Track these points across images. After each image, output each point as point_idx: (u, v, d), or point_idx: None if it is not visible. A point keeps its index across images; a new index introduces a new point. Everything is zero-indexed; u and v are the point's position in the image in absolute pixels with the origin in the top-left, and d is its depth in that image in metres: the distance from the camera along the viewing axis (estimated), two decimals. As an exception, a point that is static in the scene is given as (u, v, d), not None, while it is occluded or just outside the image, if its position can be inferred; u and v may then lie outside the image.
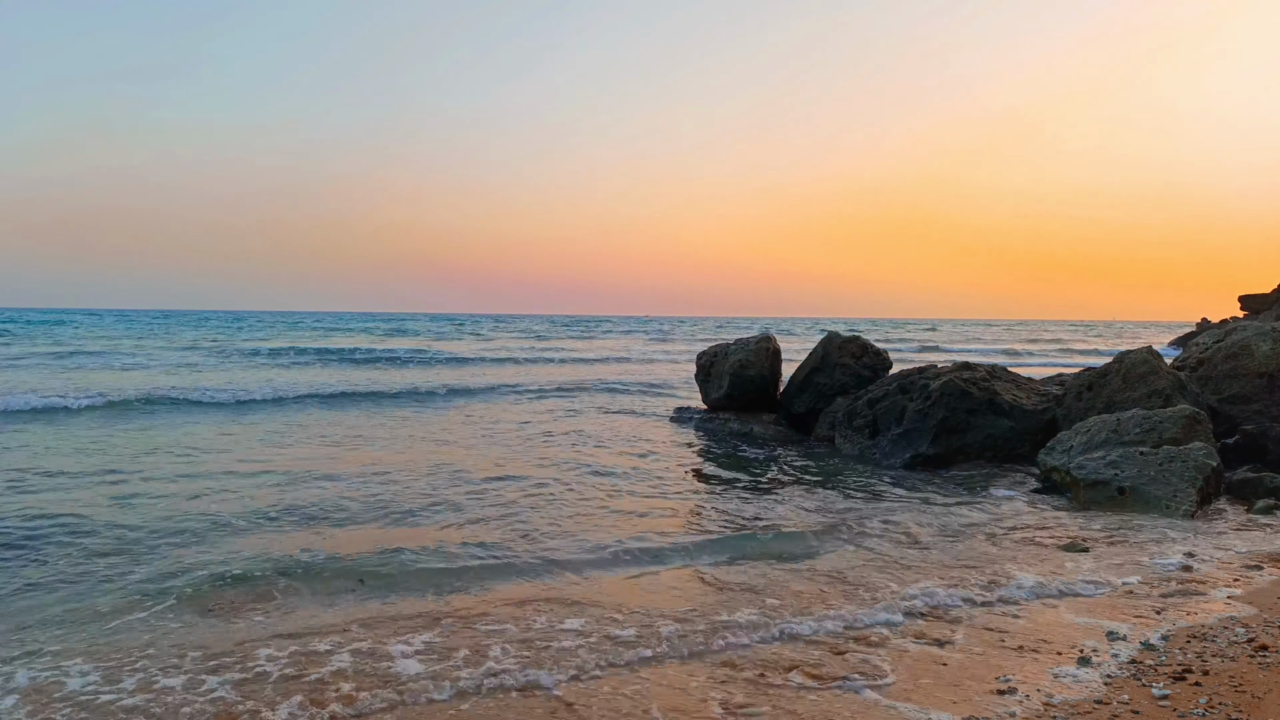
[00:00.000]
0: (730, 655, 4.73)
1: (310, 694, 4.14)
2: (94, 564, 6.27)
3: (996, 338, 67.92)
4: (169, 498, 8.49)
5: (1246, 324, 12.35)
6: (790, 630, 5.13)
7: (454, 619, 5.24)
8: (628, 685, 4.31)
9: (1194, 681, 4.14)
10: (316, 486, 9.24)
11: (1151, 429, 9.24)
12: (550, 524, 7.83)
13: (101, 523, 7.40)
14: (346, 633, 4.97)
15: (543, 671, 4.44)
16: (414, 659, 4.60)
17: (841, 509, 8.78)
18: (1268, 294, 41.69)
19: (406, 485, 9.40)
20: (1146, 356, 11.21)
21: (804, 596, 5.81)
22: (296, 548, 6.78)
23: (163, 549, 6.69)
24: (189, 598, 5.55)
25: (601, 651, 4.74)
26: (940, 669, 4.49)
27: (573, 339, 56.26)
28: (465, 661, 4.56)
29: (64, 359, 28.35)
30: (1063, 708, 3.89)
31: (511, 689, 4.24)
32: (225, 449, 11.80)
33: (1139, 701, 3.92)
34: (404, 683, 4.28)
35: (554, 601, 5.63)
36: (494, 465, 11.00)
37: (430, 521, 7.83)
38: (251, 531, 7.31)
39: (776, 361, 15.28)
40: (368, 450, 12.00)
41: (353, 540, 7.11)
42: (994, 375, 12.62)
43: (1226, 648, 4.61)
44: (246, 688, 4.20)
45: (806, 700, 4.13)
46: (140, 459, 10.80)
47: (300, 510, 8.11)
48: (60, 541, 6.82)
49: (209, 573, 6.03)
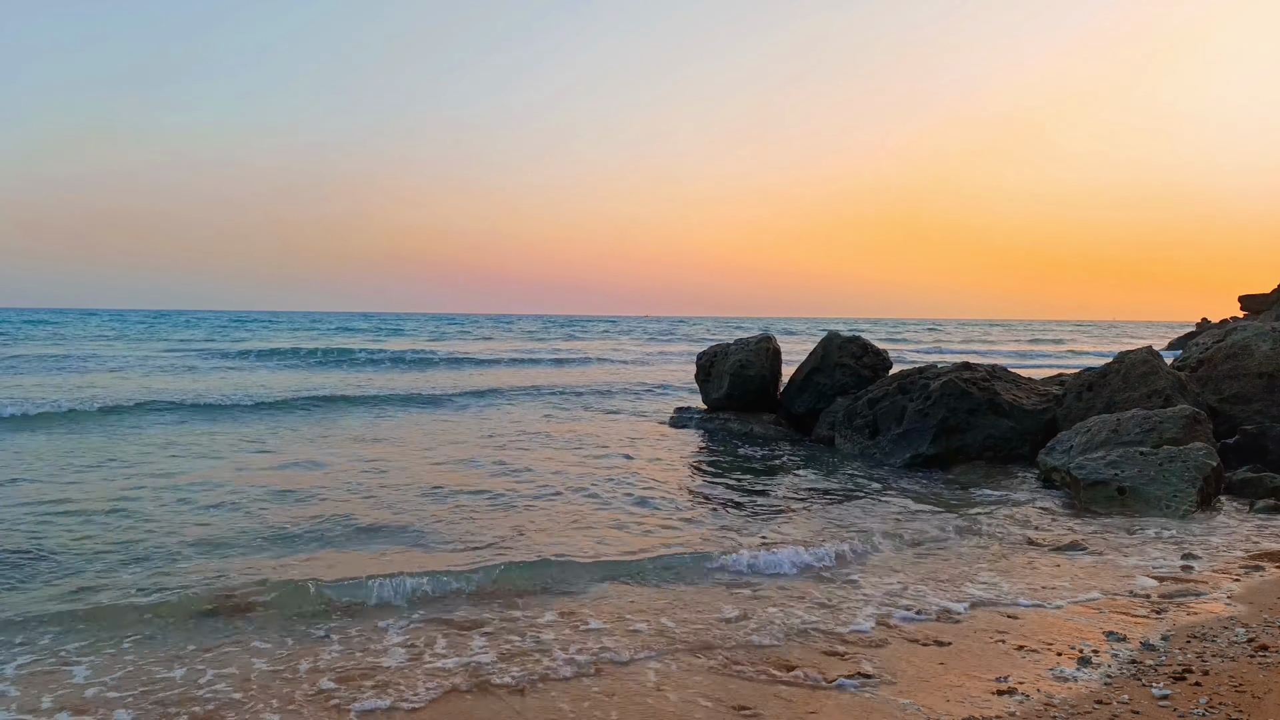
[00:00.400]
0: (733, 655, 4.73)
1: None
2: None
3: (997, 338, 67.94)
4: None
5: (1246, 324, 12.35)
6: (785, 629, 5.13)
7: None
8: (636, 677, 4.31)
9: (1194, 681, 4.13)
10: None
11: (1151, 429, 9.24)
12: (550, 521, 7.83)
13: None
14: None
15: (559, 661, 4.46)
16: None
17: (839, 510, 8.78)
18: (1268, 294, 41.67)
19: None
20: (1146, 357, 11.21)
21: (803, 596, 5.81)
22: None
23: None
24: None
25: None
26: (939, 669, 4.49)
27: (573, 339, 56.23)
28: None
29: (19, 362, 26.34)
30: (1063, 708, 3.89)
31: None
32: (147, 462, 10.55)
33: (1139, 701, 3.92)
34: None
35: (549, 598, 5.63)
36: (493, 465, 10.99)
37: (418, 521, 7.83)
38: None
39: (776, 361, 15.28)
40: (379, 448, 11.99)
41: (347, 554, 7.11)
42: (994, 375, 12.62)
43: (1227, 648, 4.61)
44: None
45: (807, 699, 4.13)
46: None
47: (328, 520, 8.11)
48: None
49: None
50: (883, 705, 4.05)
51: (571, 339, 56.30)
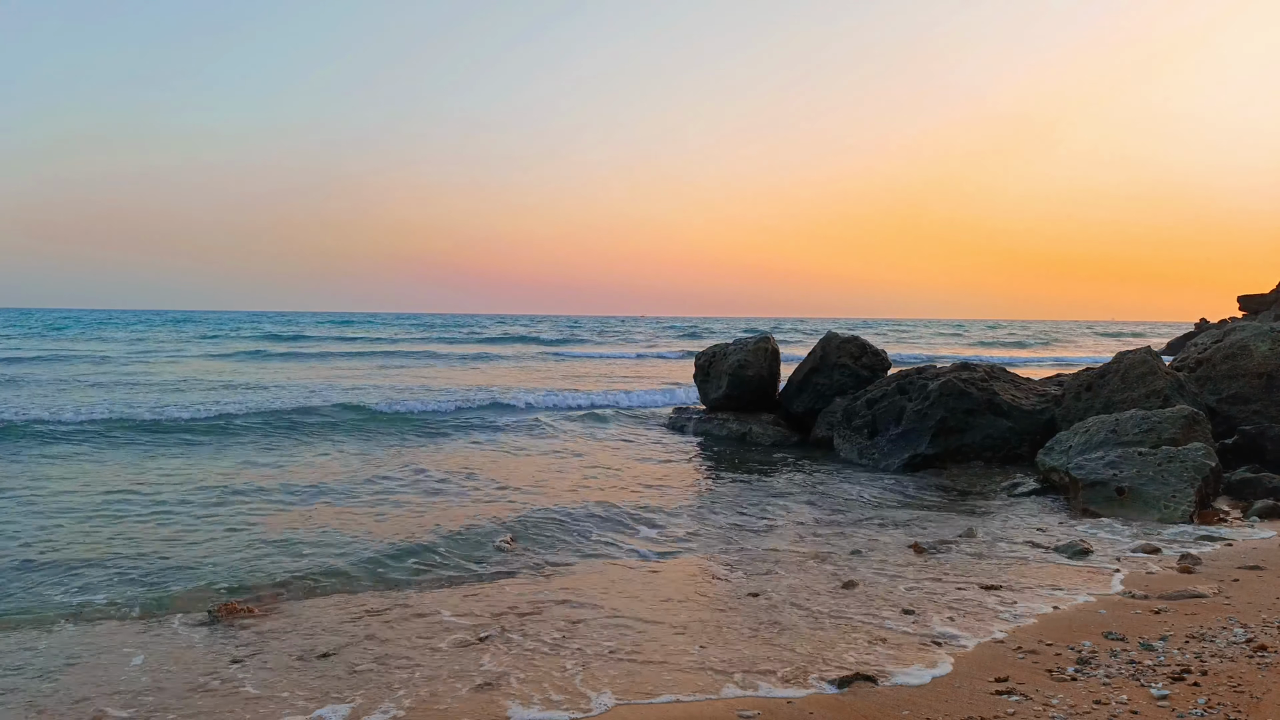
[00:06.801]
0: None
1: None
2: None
3: (999, 338, 67.91)
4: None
5: (1245, 324, 12.34)
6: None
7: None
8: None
9: (1193, 682, 4.12)
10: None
11: (1150, 429, 9.23)
12: (550, 518, 7.82)
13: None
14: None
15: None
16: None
17: (835, 511, 8.77)
18: (1266, 294, 41.63)
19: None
20: (1145, 357, 11.21)
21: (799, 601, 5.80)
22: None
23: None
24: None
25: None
26: (937, 668, 4.48)
27: (574, 339, 56.24)
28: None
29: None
30: (1061, 707, 3.88)
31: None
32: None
33: (1138, 701, 3.91)
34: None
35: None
36: (491, 463, 10.99)
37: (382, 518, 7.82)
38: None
39: (775, 362, 15.28)
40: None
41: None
42: (993, 375, 12.62)
43: (1225, 648, 4.60)
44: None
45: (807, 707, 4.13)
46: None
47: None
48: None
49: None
50: (882, 705, 4.05)
51: (574, 339, 56.28)
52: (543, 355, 37.15)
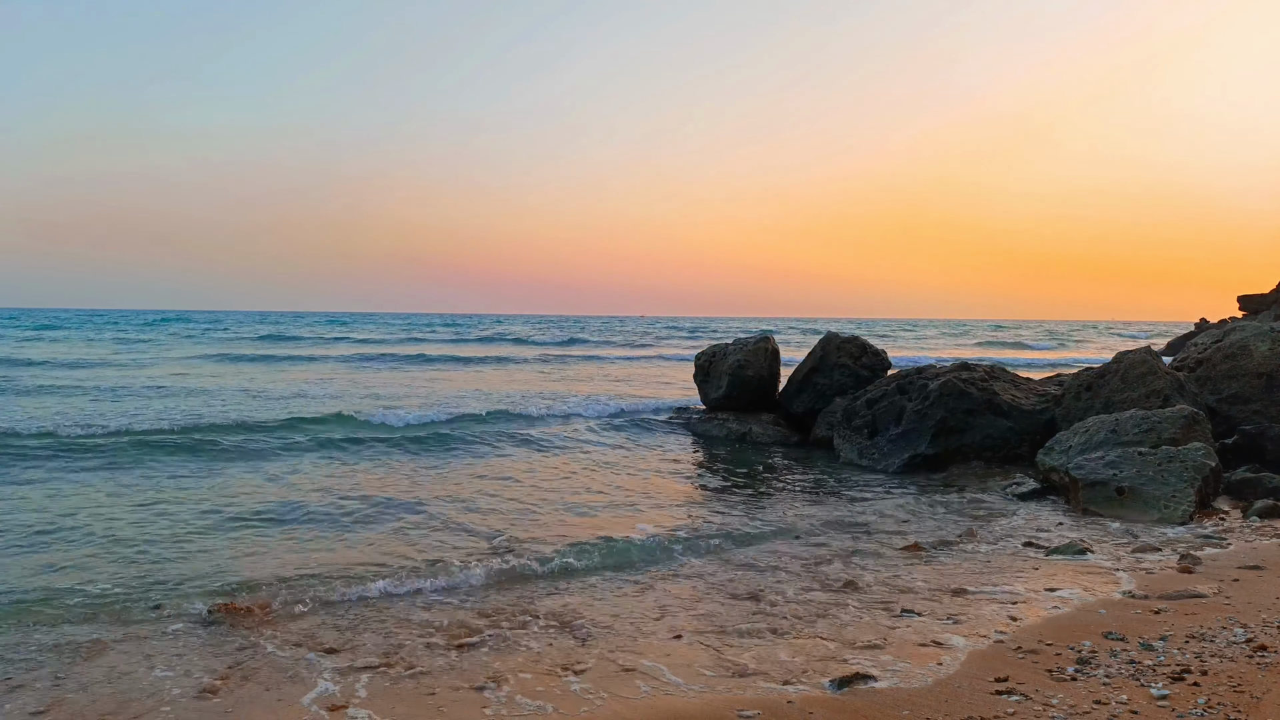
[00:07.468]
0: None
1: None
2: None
3: (999, 338, 67.90)
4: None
5: (1245, 324, 12.34)
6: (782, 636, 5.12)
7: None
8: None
9: (1193, 682, 4.12)
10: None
11: (1150, 429, 9.23)
12: (549, 518, 7.82)
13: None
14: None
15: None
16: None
17: (835, 511, 8.77)
18: (1266, 294, 41.63)
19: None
20: (1145, 357, 11.21)
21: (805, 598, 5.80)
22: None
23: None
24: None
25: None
26: (937, 669, 4.48)
27: (575, 339, 56.17)
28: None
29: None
30: (1061, 708, 3.88)
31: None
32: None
33: (1137, 701, 3.91)
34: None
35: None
36: (485, 464, 10.99)
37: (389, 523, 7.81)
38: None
39: (775, 362, 15.28)
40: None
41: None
42: (992, 375, 12.62)
43: (1225, 648, 4.60)
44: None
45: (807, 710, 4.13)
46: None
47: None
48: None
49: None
50: (881, 705, 4.04)
51: (575, 338, 56.16)
52: (542, 356, 37.15)
